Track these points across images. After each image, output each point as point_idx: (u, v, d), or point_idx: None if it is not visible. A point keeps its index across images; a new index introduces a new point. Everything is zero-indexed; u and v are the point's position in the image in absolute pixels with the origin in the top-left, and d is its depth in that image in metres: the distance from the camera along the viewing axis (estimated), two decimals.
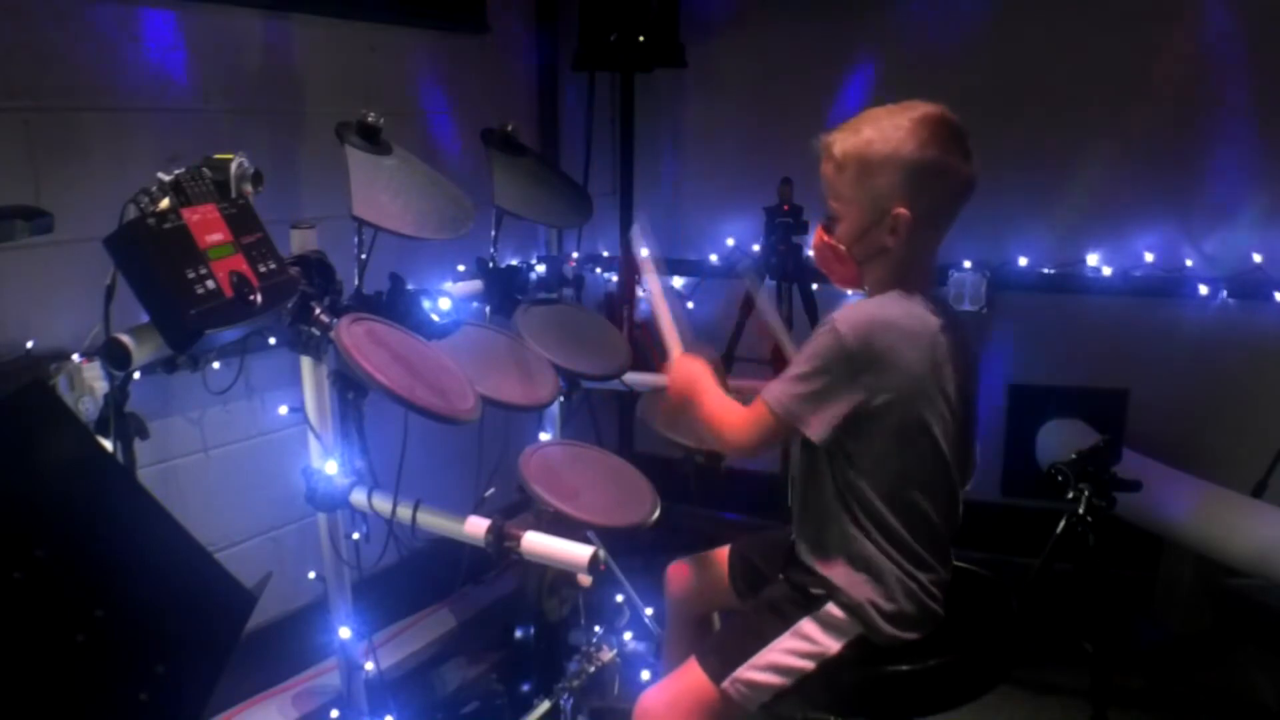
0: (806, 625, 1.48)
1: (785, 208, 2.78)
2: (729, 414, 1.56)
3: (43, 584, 0.97)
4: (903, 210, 1.41)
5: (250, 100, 2.25)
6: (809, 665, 1.47)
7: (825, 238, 1.52)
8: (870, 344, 1.38)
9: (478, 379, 1.77)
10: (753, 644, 1.50)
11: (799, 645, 1.47)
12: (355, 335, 1.58)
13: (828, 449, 1.45)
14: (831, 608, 1.48)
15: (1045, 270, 3.01)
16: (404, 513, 1.62)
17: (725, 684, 1.48)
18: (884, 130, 1.42)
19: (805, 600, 1.51)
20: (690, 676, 1.53)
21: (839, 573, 1.48)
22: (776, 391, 1.45)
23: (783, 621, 1.50)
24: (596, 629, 2.31)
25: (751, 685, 1.48)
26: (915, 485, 1.45)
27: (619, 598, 2.42)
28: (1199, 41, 2.75)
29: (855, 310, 1.43)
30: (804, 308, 2.82)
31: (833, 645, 1.47)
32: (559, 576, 2.18)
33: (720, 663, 1.51)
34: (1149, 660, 2.57)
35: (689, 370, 1.67)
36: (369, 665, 1.89)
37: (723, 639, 1.60)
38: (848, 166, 1.45)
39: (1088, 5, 2.86)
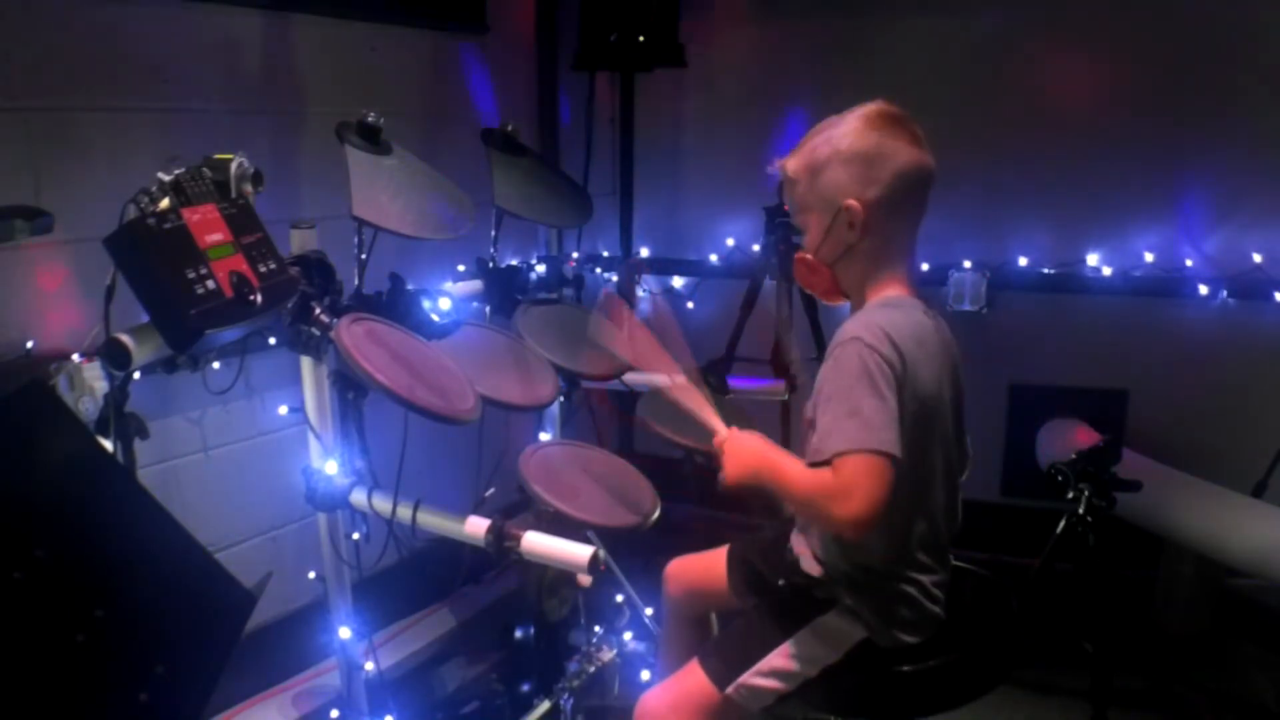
0: (809, 631, 1.48)
1: (785, 208, 2.77)
2: (822, 484, 1.30)
3: (43, 584, 0.97)
4: (852, 202, 1.41)
5: (250, 100, 2.25)
6: (812, 670, 1.46)
7: (799, 254, 1.53)
8: (898, 350, 1.35)
9: (478, 379, 1.77)
10: (756, 649, 1.49)
11: (802, 651, 1.47)
12: (355, 335, 1.58)
13: None
14: (835, 613, 1.48)
15: (1045, 270, 3.01)
16: (404, 513, 1.62)
17: (729, 689, 1.48)
18: (826, 134, 1.45)
19: (808, 605, 1.51)
20: (692, 679, 1.52)
21: (841, 578, 1.48)
22: (852, 432, 1.27)
23: (786, 627, 1.50)
24: (596, 629, 2.31)
25: (754, 690, 1.48)
26: (924, 490, 1.45)
27: (619, 598, 2.42)
28: (1198, 40, 2.75)
29: (866, 324, 1.37)
30: (804, 308, 2.82)
31: (836, 651, 1.46)
32: (559, 576, 2.18)
33: (723, 667, 1.50)
34: (1149, 660, 2.57)
35: (749, 449, 1.43)
36: (369, 665, 1.89)
37: (726, 643, 1.59)
38: (800, 178, 1.48)
39: (1086, 6, 2.86)
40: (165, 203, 1.38)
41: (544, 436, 2.30)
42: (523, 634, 2.18)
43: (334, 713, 2.02)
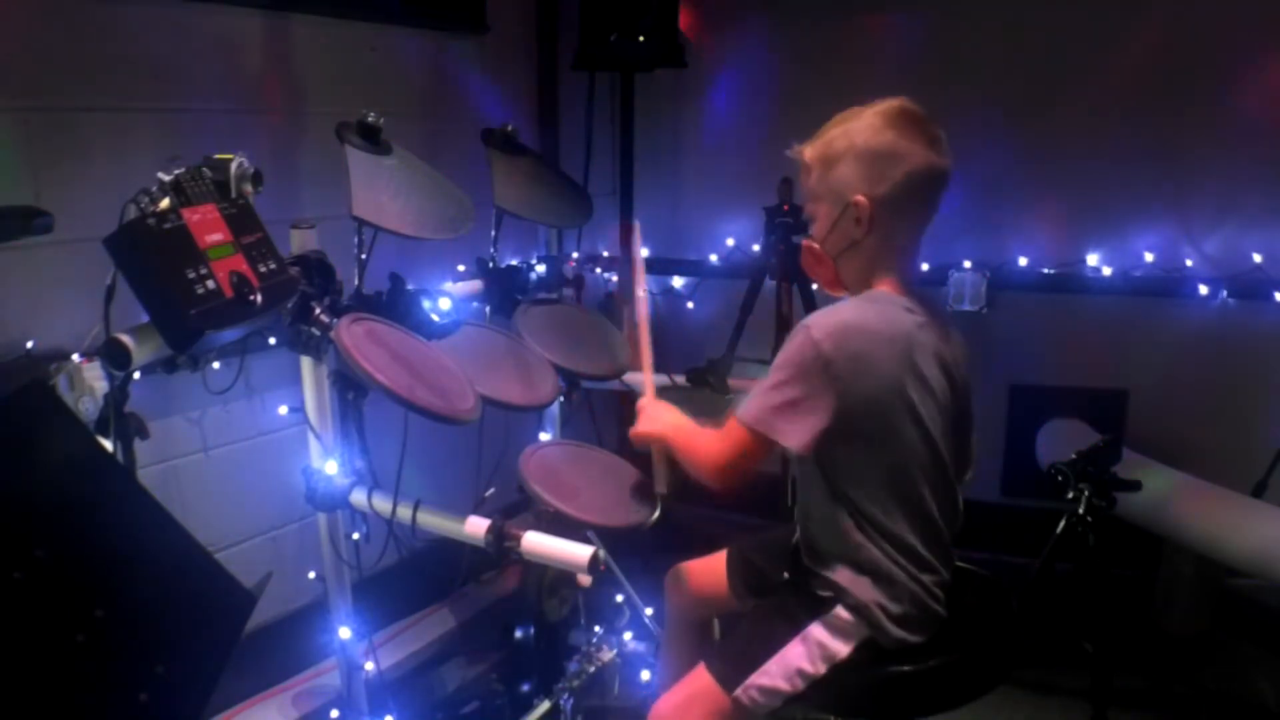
0: (815, 629, 1.48)
1: (785, 207, 2.78)
2: (702, 440, 1.54)
3: (43, 584, 0.97)
4: (861, 198, 1.43)
5: (250, 100, 2.25)
6: (819, 669, 1.46)
7: (806, 241, 1.56)
8: (845, 348, 1.37)
9: (478, 379, 1.77)
10: (763, 650, 1.49)
11: (809, 650, 1.47)
12: (355, 335, 1.58)
13: (817, 457, 1.44)
14: (839, 611, 1.48)
15: (1045, 270, 3.01)
16: (404, 513, 1.62)
17: (738, 692, 1.48)
18: (845, 126, 1.47)
19: (813, 604, 1.50)
20: (700, 683, 1.52)
21: (844, 575, 1.48)
22: (751, 406, 1.43)
23: (791, 626, 1.50)
24: (596, 629, 2.31)
25: (763, 691, 1.47)
26: (910, 487, 1.45)
27: (619, 598, 2.42)
28: (1200, 41, 2.75)
29: (829, 315, 1.43)
30: (804, 308, 2.82)
31: (841, 649, 1.46)
32: (559, 576, 2.18)
33: (731, 670, 1.50)
34: (1149, 660, 2.57)
35: (664, 414, 1.68)
36: (369, 665, 1.89)
37: (732, 645, 1.58)
38: (815, 167, 1.49)
39: (1089, 6, 2.86)
40: (165, 203, 1.38)
41: (544, 436, 2.30)
42: (523, 634, 2.18)
43: (334, 713, 2.02)
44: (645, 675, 2.25)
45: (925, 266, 3.01)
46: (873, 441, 1.41)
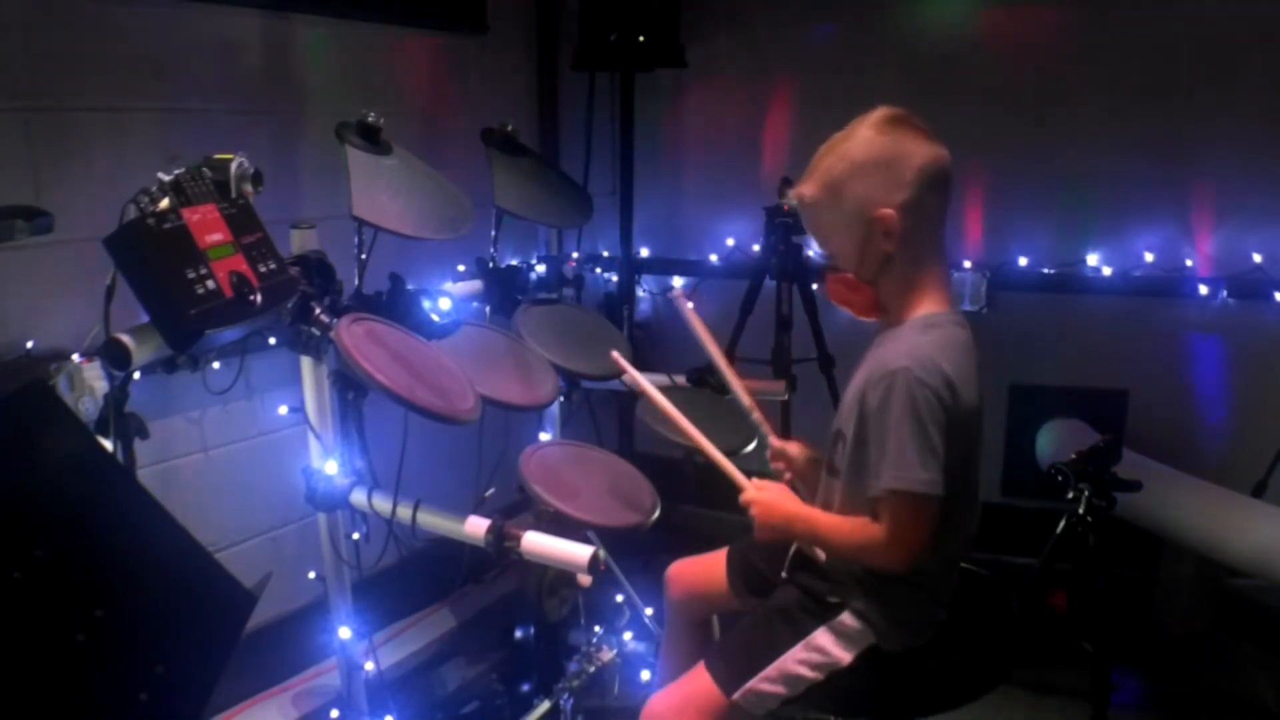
0: (820, 636, 1.47)
1: (785, 208, 2.78)
2: (863, 531, 1.38)
3: (43, 584, 0.97)
4: (884, 211, 1.38)
5: (250, 100, 2.25)
6: (819, 675, 1.46)
7: (833, 275, 1.49)
8: (950, 382, 1.34)
9: (478, 379, 1.77)
10: (764, 654, 1.49)
11: (812, 656, 1.47)
12: (355, 335, 1.58)
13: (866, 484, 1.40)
14: (846, 617, 1.47)
15: (1045, 270, 3.01)
16: (404, 513, 1.62)
17: (736, 695, 1.48)
18: (837, 151, 1.42)
19: (818, 608, 1.50)
20: (698, 683, 1.52)
21: (853, 581, 1.47)
22: (907, 475, 1.32)
23: (795, 630, 1.49)
24: (596, 629, 2.31)
25: (761, 695, 1.47)
26: (957, 507, 1.40)
27: (619, 598, 2.42)
28: (1199, 41, 2.75)
29: (909, 348, 1.36)
30: (804, 308, 2.82)
31: (845, 656, 1.46)
32: (559, 576, 2.18)
33: (731, 672, 1.50)
34: (1149, 660, 2.57)
35: (779, 511, 1.50)
36: (369, 665, 1.89)
37: (733, 647, 1.57)
38: (820, 200, 1.44)
39: (1088, 5, 2.86)
40: (165, 203, 1.38)
41: (544, 436, 2.30)
42: (523, 634, 2.18)
43: (334, 713, 2.02)
44: (645, 675, 2.25)
45: None
46: (957, 465, 1.36)
